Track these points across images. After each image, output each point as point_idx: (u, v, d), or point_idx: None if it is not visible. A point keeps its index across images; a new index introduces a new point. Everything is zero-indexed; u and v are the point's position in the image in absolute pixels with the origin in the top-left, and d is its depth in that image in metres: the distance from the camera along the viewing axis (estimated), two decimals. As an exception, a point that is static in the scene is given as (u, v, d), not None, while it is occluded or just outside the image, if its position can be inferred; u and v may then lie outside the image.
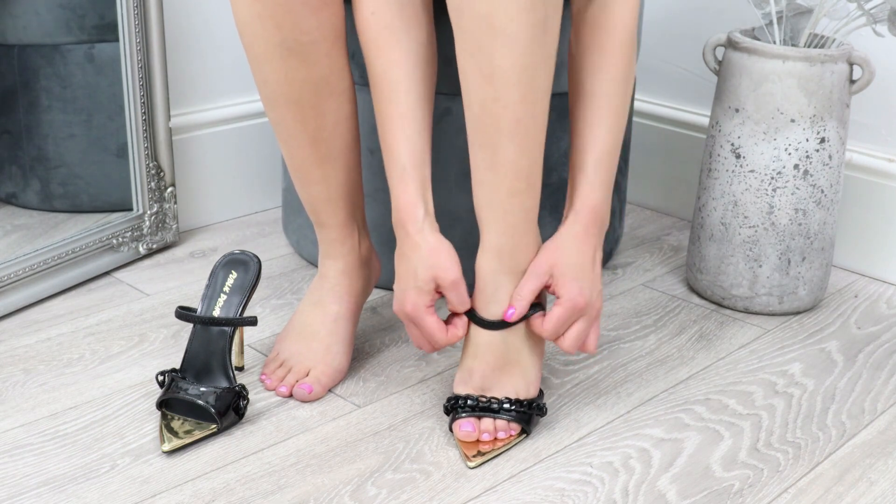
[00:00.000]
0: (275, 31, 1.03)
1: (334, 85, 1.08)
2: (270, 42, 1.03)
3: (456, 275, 1.02)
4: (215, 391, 1.06)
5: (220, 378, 1.09)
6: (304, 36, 1.03)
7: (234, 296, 1.14)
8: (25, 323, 1.29)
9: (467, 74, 0.97)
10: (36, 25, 1.41)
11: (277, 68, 1.05)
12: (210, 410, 1.04)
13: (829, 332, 1.34)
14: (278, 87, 1.07)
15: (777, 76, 1.27)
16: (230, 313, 1.13)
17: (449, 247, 1.03)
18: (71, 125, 1.45)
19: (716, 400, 1.16)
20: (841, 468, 1.05)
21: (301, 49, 1.04)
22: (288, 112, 1.08)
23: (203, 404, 1.04)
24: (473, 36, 0.94)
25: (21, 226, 1.45)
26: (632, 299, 1.42)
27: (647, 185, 1.76)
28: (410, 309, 1.04)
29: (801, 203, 1.31)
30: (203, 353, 1.10)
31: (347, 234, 1.17)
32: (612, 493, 0.99)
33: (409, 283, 1.03)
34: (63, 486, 0.98)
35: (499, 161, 0.98)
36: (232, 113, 1.62)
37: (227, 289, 1.14)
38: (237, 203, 1.66)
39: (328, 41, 1.06)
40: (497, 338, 1.05)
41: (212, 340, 1.11)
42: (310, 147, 1.10)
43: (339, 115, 1.10)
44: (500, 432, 1.05)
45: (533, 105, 0.96)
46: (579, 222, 1.05)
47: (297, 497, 0.97)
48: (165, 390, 1.07)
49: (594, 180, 1.05)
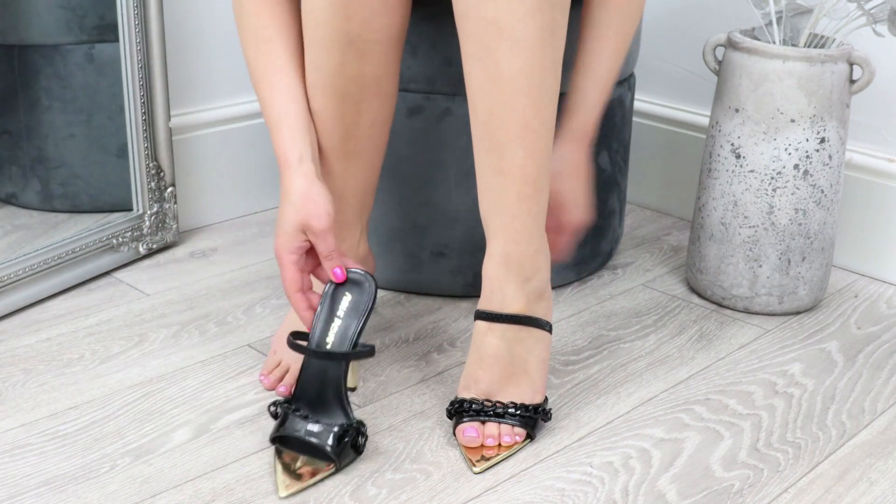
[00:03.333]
0: (343, 22, 1.01)
1: (383, 86, 1.08)
2: (336, 31, 1.02)
3: (325, 224, 1.02)
4: (332, 430, 1.00)
5: (336, 410, 1.02)
6: (370, 33, 1.03)
7: (349, 320, 1.04)
8: (25, 323, 1.29)
9: (473, 79, 0.97)
10: (36, 25, 1.41)
11: (333, 58, 1.04)
12: (327, 450, 0.99)
13: (829, 332, 1.34)
14: (328, 77, 1.05)
15: (777, 76, 1.27)
16: (346, 340, 1.03)
17: (320, 193, 1.03)
18: (71, 125, 1.45)
19: (716, 400, 1.16)
20: (841, 468, 1.05)
21: (363, 45, 1.03)
22: (330, 103, 1.07)
23: (319, 445, 0.99)
24: (480, 40, 0.94)
25: (21, 226, 1.45)
26: (632, 299, 1.42)
27: (647, 185, 1.75)
28: (277, 251, 1.05)
29: (801, 203, 1.31)
30: (317, 383, 1.02)
31: (349, 233, 1.17)
32: (612, 493, 0.99)
33: (281, 227, 1.04)
34: (63, 486, 0.98)
35: (506, 166, 0.98)
36: (232, 113, 1.62)
37: (342, 313, 1.04)
38: (237, 203, 1.66)
39: (390, 42, 1.05)
40: (503, 348, 1.05)
41: (326, 370, 1.02)
42: (340, 141, 1.09)
43: (377, 117, 1.10)
44: (504, 437, 1.05)
45: (541, 109, 0.96)
46: (576, 140, 1.17)
47: (297, 497, 0.97)
48: (279, 426, 1.02)
49: (590, 103, 1.17)
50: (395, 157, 1.30)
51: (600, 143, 1.38)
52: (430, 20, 1.23)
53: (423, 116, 1.29)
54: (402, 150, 1.30)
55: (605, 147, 1.40)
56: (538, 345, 1.06)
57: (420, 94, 1.28)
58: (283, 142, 1.05)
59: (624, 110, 1.43)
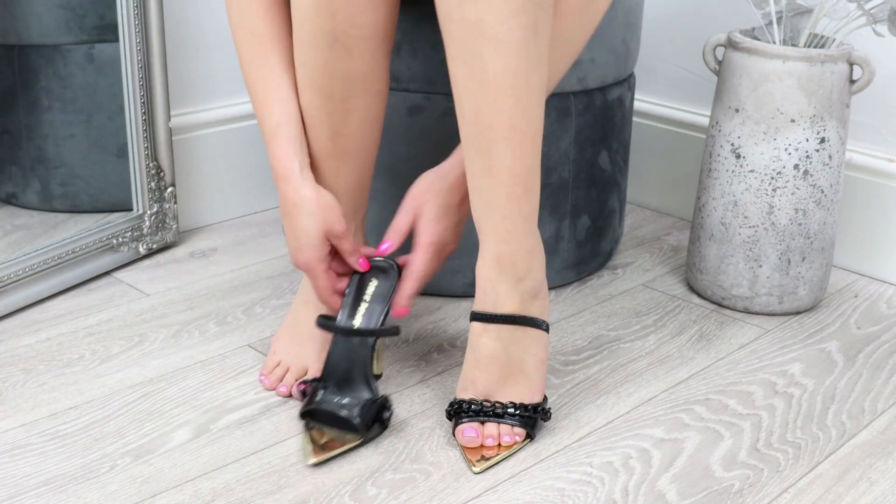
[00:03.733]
0: (328, 19, 1.01)
1: (370, 84, 1.07)
2: (320, 28, 1.02)
3: (344, 225, 1.07)
4: (360, 403, 1.05)
5: (362, 388, 1.07)
6: (356, 30, 1.02)
7: (375, 304, 1.10)
8: (25, 323, 1.29)
9: (459, 82, 0.97)
10: (36, 25, 1.41)
11: (319, 56, 1.04)
12: (355, 423, 1.03)
13: (829, 332, 1.34)
14: (314, 74, 1.05)
15: (777, 76, 1.27)
16: (371, 322, 1.09)
17: (330, 196, 1.07)
18: (71, 125, 1.45)
19: (716, 400, 1.16)
20: (841, 468, 1.05)
21: (349, 42, 1.03)
22: (316, 100, 1.07)
23: (347, 417, 1.04)
24: (464, 42, 0.94)
25: (21, 226, 1.45)
26: (632, 299, 1.42)
27: (647, 185, 1.75)
28: (306, 264, 1.08)
29: (801, 203, 1.31)
30: (344, 362, 1.08)
31: None
32: (612, 493, 0.99)
33: (303, 240, 1.07)
34: (63, 486, 0.98)
35: (495, 167, 0.98)
36: (232, 113, 1.62)
37: (368, 297, 1.11)
38: (237, 203, 1.66)
39: (377, 39, 1.05)
40: (499, 348, 1.05)
41: (353, 350, 1.08)
42: (329, 139, 1.09)
43: (366, 115, 1.09)
44: (504, 437, 1.05)
45: (527, 109, 0.96)
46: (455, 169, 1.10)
47: (297, 497, 0.97)
48: (308, 401, 1.07)
49: None
50: (395, 157, 1.30)
51: (600, 143, 1.38)
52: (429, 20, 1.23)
53: (423, 116, 1.29)
54: (402, 150, 1.30)
55: (605, 147, 1.40)
56: (535, 344, 1.06)
57: (420, 94, 1.28)
58: (282, 152, 1.07)
59: (624, 110, 1.43)
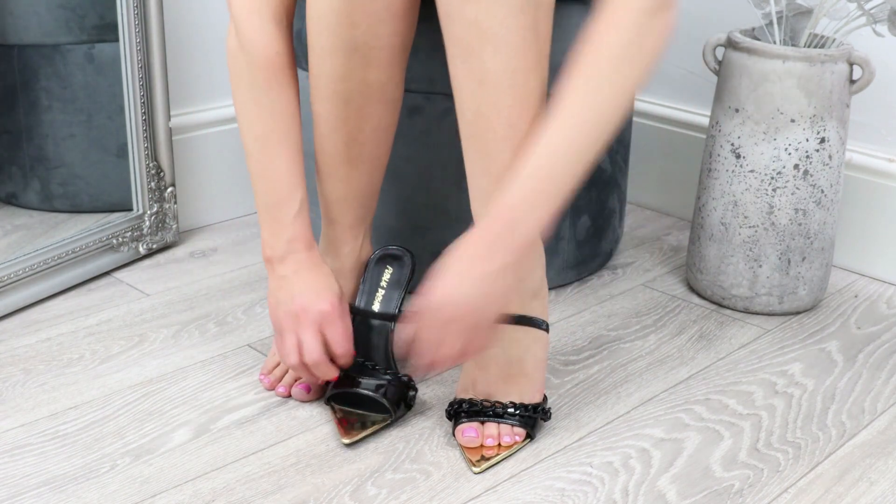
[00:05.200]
0: (348, 29, 1.01)
1: (387, 93, 1.08)
2: (340, 38, 1.02)
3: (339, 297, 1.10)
4: (388, 384, 1.08)
5: (386, 370, 1.10)
6: (375, 40, 1.03)
7: (392, 290, 1.15)
8: (25, 323, 1.29)
9: (459, 81, 0.97)
10: (36, 25, 1.41)
11: (338, 65, 1.04)
12: (385, 403, 1.07)
13: (829, 332, 1.34)
14: (332, 83, 1.06)
15: (777, 76, 1.27)
16: (389, 308, 1.14)
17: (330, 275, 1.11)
18: (71, 125, 1.45)
19: (716, 400, 1.16)
20: (841, 468, 1.05)
21: (368, 52, 1.03)
22: (333, 109, 1.07)
23: (375, 397, 1.06)
24: (464, 42, 0.94)
25: (21, 226, 1.45)
26: (632, 299, 1.42)
27: (647, 185, 1.75)
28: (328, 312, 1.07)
29: (801, 203, 1.31)
30: (364, 347, 1.12)
31: (352, 235, 1.16)
32: (612, 493, 0.99)
33: (323, 293, 1.07)
34: (63, 486, 0.98)
35: (494, 167, 0.98)
36: (232, 113, 1.62)
37: (385, 283, 1.15)
38: (237, 203, 1.66)
39: (395, 49, 1.05)
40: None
41: (373, 335, 1.12)
42: (343, 146, 1.10)
43: (381, 123, 1.10)
44: (504, 437, 1.05)
45: (526, 109, 0.96)
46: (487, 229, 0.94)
47: (297, 497, 0.97)
48: (335, 385, 1.09)
49: (526, 173, 0.93)
50: (395, 157, 1.30)
51: (600, 143, 1.38)
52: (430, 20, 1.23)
53: (423, 116, 1.29)
54: (402, 150, 1.30)
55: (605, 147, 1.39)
56: (534, 344, 1.06)
57: (420, 94, 1.28)
58: (289, 228, 1.08)
59: (624, 110, 1.43)
